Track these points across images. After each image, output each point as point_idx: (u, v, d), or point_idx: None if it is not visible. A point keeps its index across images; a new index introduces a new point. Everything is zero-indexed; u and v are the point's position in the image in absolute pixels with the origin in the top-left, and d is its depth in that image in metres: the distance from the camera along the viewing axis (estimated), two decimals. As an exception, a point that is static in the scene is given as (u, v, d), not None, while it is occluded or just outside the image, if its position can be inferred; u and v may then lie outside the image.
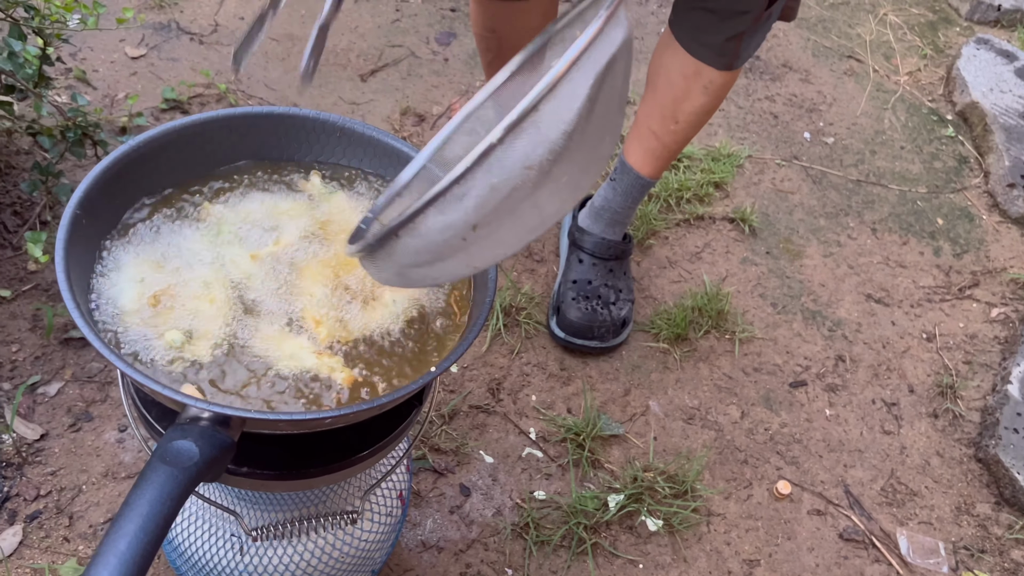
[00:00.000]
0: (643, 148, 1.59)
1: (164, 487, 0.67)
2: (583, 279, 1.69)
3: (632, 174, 1.62)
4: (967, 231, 2.10)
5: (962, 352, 1.84)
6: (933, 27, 2.71)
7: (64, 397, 1.45)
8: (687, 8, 1.44)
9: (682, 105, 1.50)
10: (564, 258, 1.77)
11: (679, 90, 1.49)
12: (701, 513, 1.51)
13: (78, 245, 0.86)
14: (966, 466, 1.66)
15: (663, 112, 1.53)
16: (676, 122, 1.52)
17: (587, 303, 1.65)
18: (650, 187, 1.65)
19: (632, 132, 1.62)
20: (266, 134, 1.03)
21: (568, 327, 1.65)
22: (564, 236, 1.83)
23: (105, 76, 1.99)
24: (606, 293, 1.68)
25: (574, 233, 1.74)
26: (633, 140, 1.61)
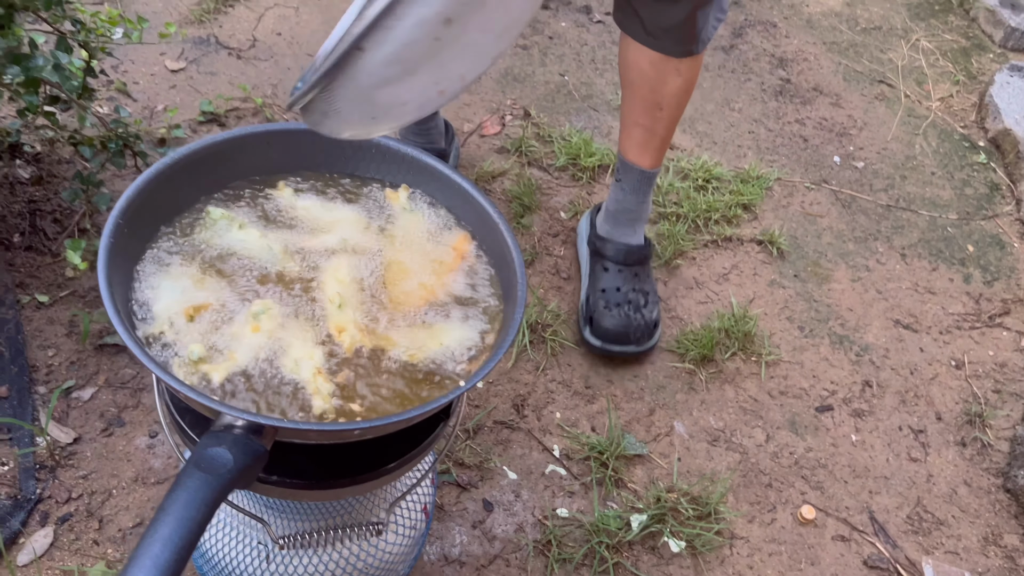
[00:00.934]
0: (637, 143, 1.64)
1: (199, 493, 0.68)
2: (611, 287, 1.70)
3: (635, 171, 1.67)
4: (998, 258, 2.08)
5: (991, 380, 1.82)
6: (966, 53, 2.70)
7: (97, 402, 1.48)
8: (625, 2, 1.48)
9: (661, 91, 1.54)
10: (587, 269, 1.79)
11: (653, 79, 1.53)
12: (724, 536, 1.50)
13: (119, 253, 0.88)
14: (994, 496, 1.64)
15: (645, 104, 1.58)
16: (660, 108, 1.57)
17: (619, 310, 1.67)
18: (655, 177, 1.69)
19: (623, 132, 1.66)
20: (304, 148, 1.06)
21: (605, 335, 1.67)
22: (582, 246, 1.84)
23: (145, 88, 2.03)
24: (635, 298, 1.69)
25: (595, 242, 1.76)
26: (626, 139, 1.66)
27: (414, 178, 1.07)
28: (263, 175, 1.05)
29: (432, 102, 0.77)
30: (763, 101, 2.39)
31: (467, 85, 0.75)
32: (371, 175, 1.08)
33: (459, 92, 0.78)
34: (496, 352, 0.89)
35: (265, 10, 2.31)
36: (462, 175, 1.05)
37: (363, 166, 1.08)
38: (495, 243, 1.01)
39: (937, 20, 2.82)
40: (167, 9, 2.24)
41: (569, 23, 2.50)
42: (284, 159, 1.06)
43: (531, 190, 1.97)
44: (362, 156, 1.08)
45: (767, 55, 2.54)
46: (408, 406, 0.87)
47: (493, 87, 2.25)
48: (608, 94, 2.30)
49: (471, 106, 2.19)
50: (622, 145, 1.68)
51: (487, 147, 2.09)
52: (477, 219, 1.04)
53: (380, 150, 1.08)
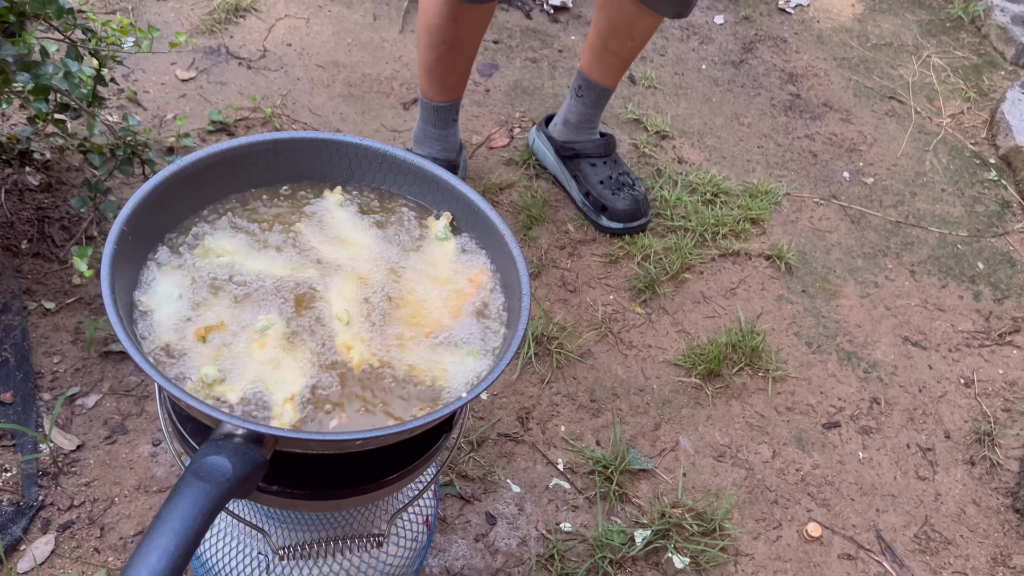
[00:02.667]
0: (604, 64, 1.84)
1: (197, 502, 0.68)
2: (605, 176, 1.94)
3: (598, 88, 1.89)
4: (1008, 276, 2.07)
5: (1001, 399, 1.81)
6: (977, 70, 2.69)
7: (101, 409, 1.48)
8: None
9: (636, 26, 1.74)
10: (568, 174, 1.99)
11: (631, 15, 1.72)
12: (729, 552, 1.49)
13: (124, 262, 0.88)
14: (1003, 516, 1.62)
15: (618, 33, 1.77)
16: (632, 39, 1.77)
17: (622, 192, 1.92)
18: (612, 92, 1.93)
19: (590, 52, 1.85)
20: (310, 158, 1.06)
21: (623, 216, 1.91)
22: (549, 158, 2.03)
23: (155, 97, 2.04)
24: (625, 179, 1.96)
25: (571, 149, 1.97)
26: (593, 59, 1.85)
27: (419, 188, 1.07)
28: (270, 185, 1.05)
29: None
30: (773, 116, 2.38)
31: None
32: (377, 185, 1.08)
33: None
34: (498, 365, 0.88)
35: (276, 21, 2.32)
36: (471, 188, 1.05)
37: (370, 176, 1.08)
38: (498, 251, 1.01)
39: (948, 37, 2.81)
40: (178, 19, 2.25)
41: (579, 36, 2.50)
42: (290, 169, 1.05)
43: (539, 202, 1.96)
44: (368, 167, 1.08)
45: (777, 70, 2.54)
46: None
47: (502, 100, 2.26)
48: (616, 107, 2.30)
49: (480, 118, 2.19)
50: (589, 68, 1.87)
51: (496, 159, 2.09)
52: (482, 229, 1.04)
53: (387, 160, 1.08)
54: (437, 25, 1.65)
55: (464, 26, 1.64)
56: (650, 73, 2.41)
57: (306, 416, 0.85)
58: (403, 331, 0.94)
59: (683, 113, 2.33)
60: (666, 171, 2.12)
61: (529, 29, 2.50)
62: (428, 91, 1.80)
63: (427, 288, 0.99)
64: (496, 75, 2.33)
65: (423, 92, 1.81)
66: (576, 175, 1.98)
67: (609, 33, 1.79)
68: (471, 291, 0.99)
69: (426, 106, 1.83)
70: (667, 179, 2.10)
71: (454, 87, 1.79)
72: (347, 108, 2.13)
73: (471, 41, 1.69)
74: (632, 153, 2.17)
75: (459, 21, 1.63)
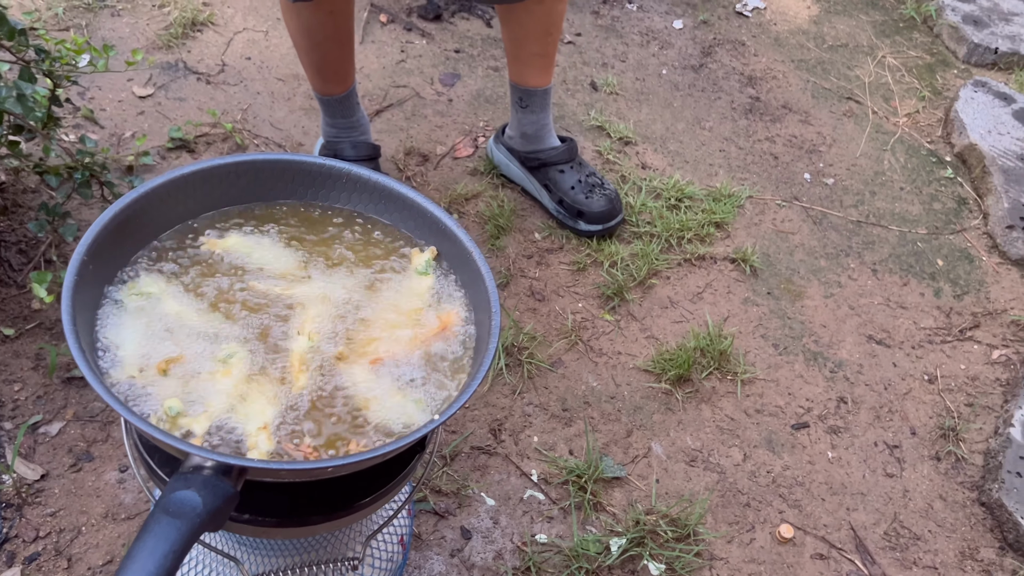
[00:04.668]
0: (536, 68, 1.87)
1: (168, 539, 0.67)
2: (576, 180, 1.95)
3: (539, 92, 1.91)
4: (967, 272, 2.11)
5: (964, 394, 1.84)
6: (931, 69, 2.74)
7: (65, 437, 1.45)
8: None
9: (550, 19, 1.77)
10: (537, 184, 2.00)
11: (541, 14, 1.75)
12: (704, 557, 1.50)
13: (85, 291, 0.87)
14: (969, 510, 1.65)
15: (538, 35, 1.79)
16: (550, 34, 1.80)
17: (595, 193, 1.93)
18: (552, 89, 1.93)
19: (520, 67, 1.88)
20: (273, 179, 1.05)
21: (600, 218, 1.93)
22: (514, 170, 2.03)
23: (113, 115, 2.01)
24: (594, 180, 1.96)
25: (536, 159, 1.97)
26: (525, 71, 1.87)
27: (384, 206, 1.06)
28: (233, 206, 1.04)
29: None
30: (733, 119, 2.41)
31: None
32: (341, 205, 1.07)
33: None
34: (470, 385, 0.88)
35: (234, 34, 2.30)
36: (432, 201, 1.04)
37: (334, 196, 1.08)
38: (463, 263, 1.01)
39: (902, 37, 2.86)
40: (134, 34, 2.22)
41: (540, 44, 2.50)
42: (252, 190, 1.04)
43: (506, 212, 1.96)
44: (332, 185, 1.07)
45: (736, 74, 2.56)
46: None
47: (465, 109, 2.25)
48: (579, 114, 2.30)
49: (443, 128, 2.19)
50: (520, 78, 1.89)
51: (460, 169, 2.09)
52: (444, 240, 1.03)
53: (351, 179, 1.07)
54: (297, 27, 1.68)
55: (316, 21, 1.66)
56: (611, 79, 2.43)
57: (280, 444, 0.84)
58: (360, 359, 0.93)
59: (645, 119, 2.35)
60: (630, 177, 2.13)
61: (490, 37, 2.51)
62: (325, 88, 1.81)
63: (392, 320, 0.97)
64: (458, 84, 2.33)
65: (322, 91, 1.82)
66: (546, 184, 1.98)
67: (526, 37, 1.81)
68: (435, 330, 0.97)
69: (328, 102, 1.84)
70: (632, 185, 2.11)
71: (347, 74, 1.81)
72: (309, 122, 2.11)
73: (335, 30, 1.70)
74: (596, 160, 2.18)
75: (303, 19, 1.65)
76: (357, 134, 1.90)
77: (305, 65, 1.78)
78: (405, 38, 2.44)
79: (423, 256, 1.03)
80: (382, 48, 2.39)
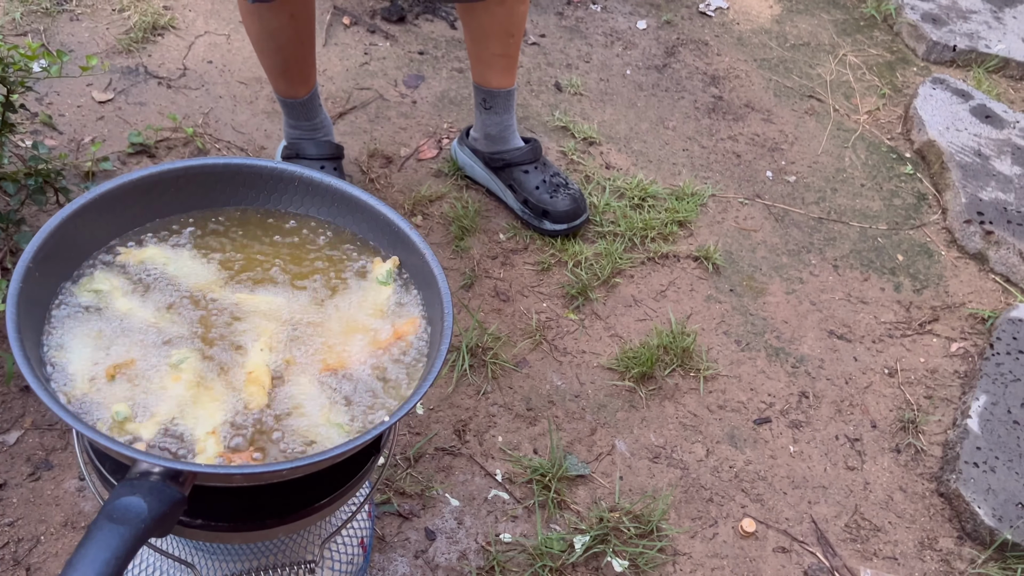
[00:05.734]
0: (499, 69, 1.88)
1: (110, 545, 0.67)
2: (540, 180, 1.97)
3: (503, 94, 1.92)
4: (926, 267, 2.14)
5: (923, 387, 1.87)
6: (891, 67, 2.78)
7: (24, 445, 1.44)
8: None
9: (511, 20, 1.78)
10: (502, 185, 2.01)
11: (503, 16, 1.76)
12: (667, 553, 1.51)
13: (32, 298, 0.86)
14: (928, 501, 1.68)
15: (499, 37, 1.80)
16: (512, 35, 1.82)
17: (559, 193, 1.95)
18: (515, 90, 1.95)
19: (482, 68, 1.88)
20: (225, 183, 1.04)
21: (564, 217, 1.95)
22: (478, 171, 2.04)
23: (72, 121, 1.99)
24: (558, 180, 1.98)
25: (501, 160, 1.98)
26: (487, 72, 1.88)
27: (337, 209, 1.07)
28: (186, 212, 1.04)
29: None
30: (696, 119, 2.43)
31: None
32: (294, 210, 1.07)
33: None
34: (423, 384, 0.88)
35: (195, 38, 2.29)
36: (384, 203, 1.05)
37: (286, 199, 1.08)
38: (417, 266, 1.01)
39: (863, 35, 2.89)
40: (93, 39, 2.20)
41: (504, 45, 2.51)
42: (203, 195, 1.04)
43: (470, 213, 1.97)
44: (285, 189, 1.07)
45: (699, 73, 2.58)
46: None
47: (429, 111, 2.26)
48: (543, 115, 2.31)
49: (408, 130, 2.19)
50: (483, 79, 1.90)
51: (424, 171, 2.09)
52: (398, 243, 1.04)
53: (304, 183, 1.07)
54: (257, 30, 1.68)
55: (276, 24, 1.66)
56: (576, 80, 2.44)
57: (229, 448, 0.84)
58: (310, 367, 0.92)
59: (609, 119, 2.36)
60: (594, 177, 2.15)
61: (454, 39, 2.51)
62: (287, 90, 1.81)
63: (348, 329, 0.97)
64: (422, 86, 2.33)
65: (284, 94, 1.82)
66: (511, 184, 1.99)
67: (488, 38, 1.81)
68: (390, 339, 0.97)
69: (290, 104, 1.84)
70: (596, 185, 2.12)
71: (309, 76, 1.81)
72: (271, 125, 2.11)
73: (295, 33, 1.70)
74: (560, 160, 2.19)
75: (264, 22, 1.66)
76: (320, 135, 1.90)
77: (266, 68, 1.78)
78: (368, 40, 2.43)
79: (385, 266, 1.03)
80: (345, 50, 2.38)
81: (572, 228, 1.97)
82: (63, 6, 2.27)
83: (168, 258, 0.97)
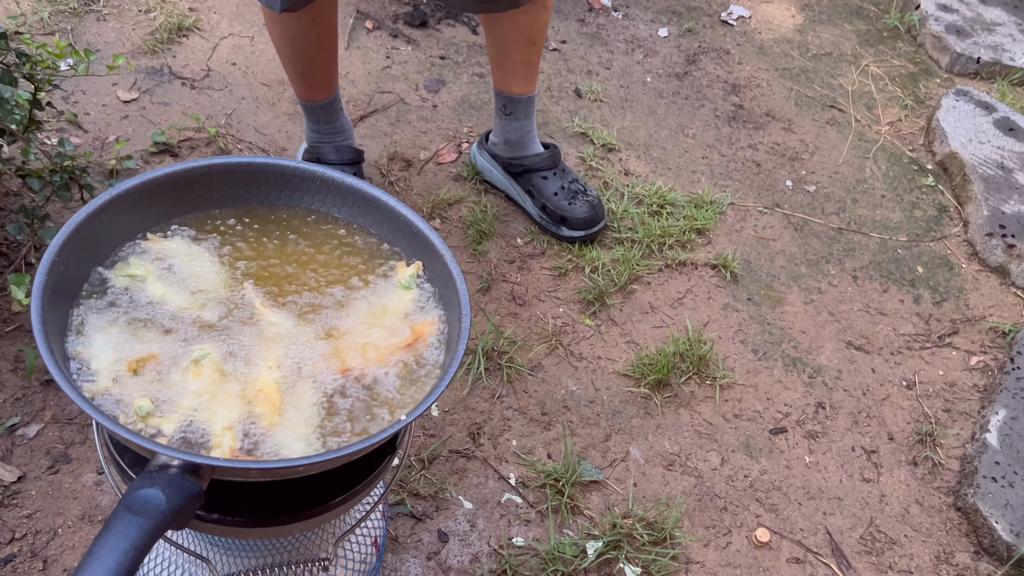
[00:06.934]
0: (521, 77, 1.89)
1: (129, 536, 0.67)
2: (559, 187, 1.97)
3: (523, 100, 1.93)
4: (947, 279, 2.12)
5: (942, 400, 1.85)
6: (914, 78, 2.76)
7: (43, 439, 1.45)
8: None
9: (534, 28, 1.80)
10: (520, 190, 2.01)
11: (526, 23, 1.78)
12: (680, 561, 1.51)
13: (57, 292, 0.87)
14: (945, 515, 1.66)
15: (521, 44, 1.82)
16: (534, 43, 1.83)
17: (578, 199, 1.96)
18: (536, 96, 1.96)
19: (504, 75, 1.89)
20: (247, 182, 1.05)
21: (583, 224, 1.95)
22: (498, 176, 2.04)
23: (96, 119, 2.01)
24: (577, 187, 1.99)
25: (520, 165, 1.99)
26: (508, 78, 1.90)
27: (358, 209, 1.07)
28: (208, 210, 1.05)
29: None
30: (716, 127, 2.42)
31: None
32: (316, 208, 1.08)
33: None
34: (438, 386, 0.88)
35: (219, 40, 2.31)
36: (405, 204, 1.05)
37: (307, 199, 1.08)
38: (436, 267, 1.01)
39: (886, 46, 2.88)
40: (119, 39, 2.23)
41: (525, 51, 2.52)
42: (227, 194, 1.05)
43: (488, 217, 1.97)
44: (307, 188, 1.08)
45: (720, 81, 2.58)
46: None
47: (449, 115, 2.27)
48: (563, 121, 2.32)
49: (427, 134, 2.20)
50: (504, 86, 1.91)
51: (444, 175, 2.10)
52: (417, 244, 1.04)
53: (325, 183, 1.08)
54: (280, 35, 1.70)
55: (299, 30, 1.67)
56: (596, 87, 2.44)
57: (245, 444, 0.85)
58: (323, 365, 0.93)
59: (629, 126, 2.36)
60: (613, 184, 2.15)
61: (476, 44, 2.52)
62: (309, 94, 1.82)
63: (369, 331, 0.97)
64: (443, 91, 2.34)
65: (306, 98, 1.83)
66: (529, 190, 2.00)
67: (510, 46, 1.82)
68: (408, 341, 0.97)
69: (312, 108, 1.85)
70: (614, 191, 2.13)
71: (331, 81, 1.83)
72: (293, 126, 2.12)
73: (318, 39, 1.72)
74: (579, 166, 2.19)
75: (287, 27, 1.67)
76: (341, 139, 1.91)
77: (288, 72, 1.79)
78: (391, 44, 2.45)
79: (408, 270, 1.03)
80: (367, 54, 2.40)
81: (590, 235, 1.97)
82: (90, 6, 2.29)
83: (190, 254, 0.98)
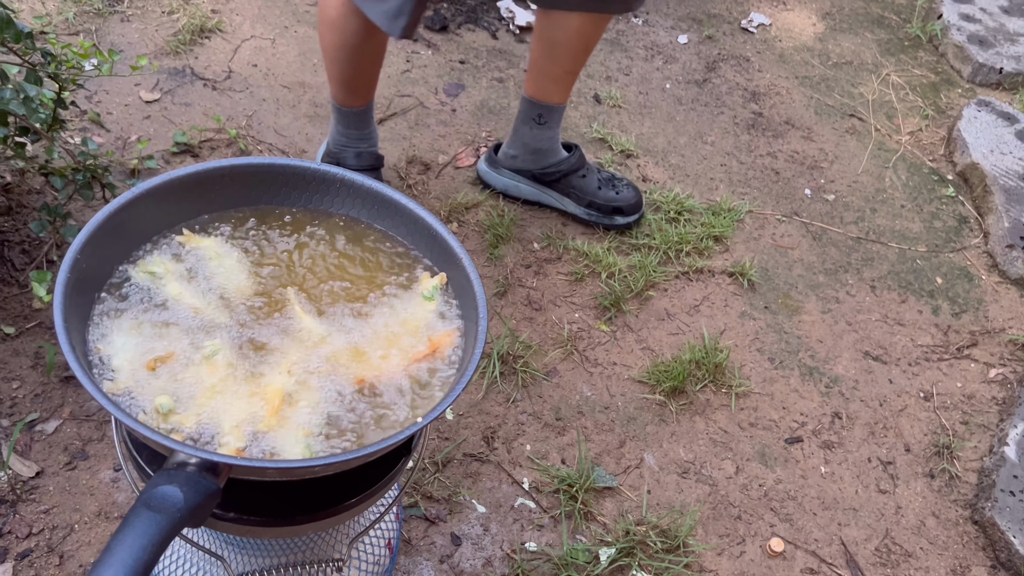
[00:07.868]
0: (564, 86, 1.90)
1: (147, 533, 0.68)
2: (600, 180, 2.02)
3: (559, 109, 1.94)
4: (966, 291, 2.11)
5: (959, 412, 1.84)
6: (935, 88, 2.75)
7: (62, 435, 1.46)
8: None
9: (593, 41, 1.81)
10: (559, 196, 2.03)
11: (590, 35, 1.79)
12: (693, 569, 1.50)
13: (78, 290, 0.88)
14: (962, 528, 1.65)
15: (575, 54, 1.82)
16: (588, 53, 1.85)
17: (620, 184, 2.02)
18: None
19: (544, 78, 1.88)
20: (266, 183, 1.06)
21: (634, 206, 2.02)
22: (526, 188, 2.04)
23: (119, 119, 2.03)
24: (609, 174, 2.05)
25: (555, 172, 2.00)
26: (552, 87, 1.89)
27: (376, 212, 1.08)
28: (226, 211, 1.05)
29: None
30: (735, 134, 2.42)
31: None
32: (335, 210, 1.09)
33: None
34: (455, 388, 0.89)
35: (241, 42, 2.33)
36: (424, 207, 1.05)
37: (327, 200, 1.09)
38: (453, 270, 1.01)
39: (907, 55, 2.87)
40: (143, 40, 2.25)
41: (544, 56, 2.52)
42: (249, 195, 1.06)
43: (506, 221, 1.98)
44: (327, 190, 1.09)
45: (740, 89, 2.58)
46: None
47: (468, 119, 2.27)
48: (581, 127, 2.32)
49: (446, 138, 2.20)
50: (544, 94, 1.90)
51: (461, 179, 2.11)
52: (435, 247, 1.04)
53: (345, 184, 1.08)
54: (333, 40, 1.70)
55: (359, 39, 1.69)
56: (615, 92, 2.44)
57: (252, 443, 0.85)
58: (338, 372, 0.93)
59: (647, 132, 2.36)
60: (631, 189, 2.14)
61: (495, 49, 2.53)
62: (347, 100, 1.83)
63: (388, 341, 0.97)
64: (462, 95, 2.35)
65: (343, 103, 1.83)
66: (569, 192, 2.02)
67: (563, 55, 1.82)
68: (425, 352, 0.96)
69: (346, 113, 1.85)
70: (632, 197, 2.12)
71: (371, 89, 1.84)
72: (312, 129, 2.13)
73: (374, 49, 1.75)
74: (597, 172, 2.19)
75: (346, 34, 1.68)
76: (365, 145, 1.91)
77: (332, 76, 1.78)
78: (411, 48, 2.46)
79: (432, 281, 1.03)
80: (388, 57, 2.41)
81: (642, 216, 2.06)
82: (114, 7, 2.32)
83: (218, 253, 0.99)
